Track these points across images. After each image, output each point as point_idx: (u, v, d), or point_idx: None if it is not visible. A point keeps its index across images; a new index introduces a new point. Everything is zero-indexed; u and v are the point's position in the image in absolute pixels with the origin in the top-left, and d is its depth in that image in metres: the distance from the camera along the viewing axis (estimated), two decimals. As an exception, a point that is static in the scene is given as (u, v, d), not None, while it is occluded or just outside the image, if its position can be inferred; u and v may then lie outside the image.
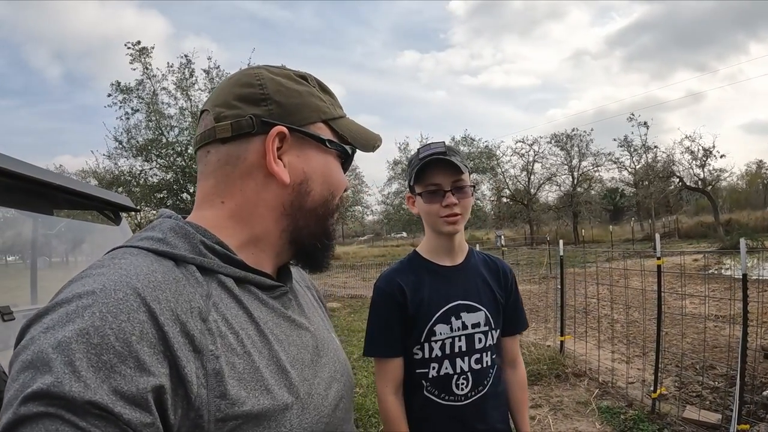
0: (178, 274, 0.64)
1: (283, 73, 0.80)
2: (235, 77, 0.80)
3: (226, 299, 0.68)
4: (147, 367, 0.52)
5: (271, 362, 0.68)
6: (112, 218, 3.33)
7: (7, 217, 3.32)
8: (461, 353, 1.53)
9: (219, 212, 0.75)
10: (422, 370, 1.53)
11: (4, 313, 2.12)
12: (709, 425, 3.86)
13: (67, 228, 3.64)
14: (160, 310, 0.56)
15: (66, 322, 0.52)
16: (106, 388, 0.49)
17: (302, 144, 0.78)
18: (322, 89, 0.84)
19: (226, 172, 0.75)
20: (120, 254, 0.64)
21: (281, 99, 0.76)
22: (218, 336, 0.62)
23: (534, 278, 13.71)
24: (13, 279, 4.06)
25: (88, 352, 0.50)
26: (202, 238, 0.70)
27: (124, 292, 0.55)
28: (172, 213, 0.75)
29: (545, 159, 35.71)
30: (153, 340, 0.54)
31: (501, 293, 1.65)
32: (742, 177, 41.01)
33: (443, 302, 1.54)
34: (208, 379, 0.58)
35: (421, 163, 1.51)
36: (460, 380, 1.52)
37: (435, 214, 1.53)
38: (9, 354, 1.22)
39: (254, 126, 0.74)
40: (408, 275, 1.58)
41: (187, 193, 20.15)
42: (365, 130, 0.89)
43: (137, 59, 19.23)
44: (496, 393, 1.61)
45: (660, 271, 4.36)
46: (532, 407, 4.67)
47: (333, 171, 0.82)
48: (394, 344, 1.53)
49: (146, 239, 0.68)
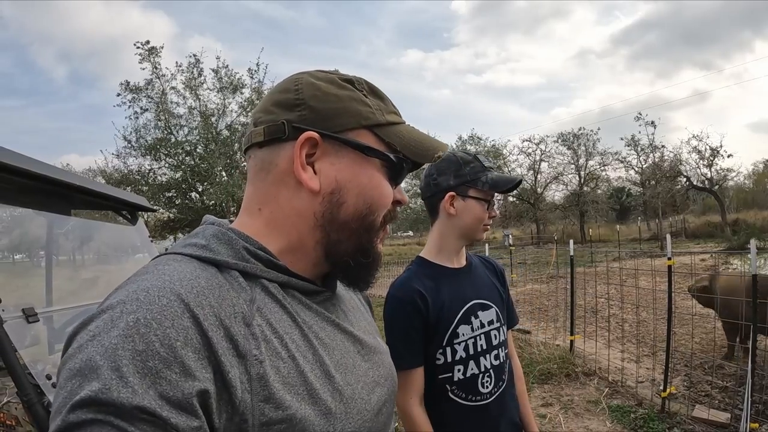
0: (221, 279, 0.64)
1: (327, 77, 0.77)
2: (280, 84, 0.78)
3: (270, 304, 0.68)
4: (192, 372, 0.53)
5: (316, 366, 0.68)
6: (128, 218, 3.37)
7: (23, 216, 3.36)
8: (483, 351, 1.55)
9: (257, 220, 0.75)
10: (446, 374, 1.51)
11: (28, 315, 2.16)
12: (718, 424, 3.88)
13: (84, 228, 3.68)
14: (204, 315, 0.57)
15: (111, 328, 0.52)
16: (152, 394, 0.49)
17: (338, 151, 0.74)
18: (373, 93, 0.79)
19: (261, 178, 0.75)
20: (164, 261, 0.64)
21: (316, 104, 0.73)
22: (262, 340, 0.62)
23: (542, 278, 13.69)
24: (29, 278, 4.11)
25: (134, 358, 0.50)
26: (245, 244, 0.70)
27: (168, 299, 0.56)
28: (215, 219, 0.75)
29: (552, 158, 35.58)
30: (197, 345, 0.55)
31: (502, 290, 1.71)
32: (749, 176, 40.78)
33: (462, 303, 1.56)
34: (252, 384, 0.58)
35: (497, 180, 1.58)
36: (485, 378, 1.54)
37: (479, 222, 1.59)
38: (28, 352, 1.24)
39: (286, 131, 0.72)
40: (424, 281, 1.56)
41: (196, 192, 20.21)
42: (423, 138, 0.81)
43: (146, 59, 19.33)
44: (512, 386, 1.67)
45: (671, 272, 4.37)
46: (542, 406, 4.71)
47: (373, 182, 0.76)
48: (417, 353, 1.50)
49: (190, 246, 0.68)
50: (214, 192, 18.31)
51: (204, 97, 20.31)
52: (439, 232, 1.64)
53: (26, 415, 1.88)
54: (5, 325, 1.88)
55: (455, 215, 1.59)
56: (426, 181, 1.65)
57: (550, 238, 26.80)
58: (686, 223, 31.32)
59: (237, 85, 20.32)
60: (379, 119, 0.76)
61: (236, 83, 20.33)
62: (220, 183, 18.61)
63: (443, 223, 1.63)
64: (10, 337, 1.88)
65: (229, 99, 20.35)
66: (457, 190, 1.58)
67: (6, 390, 2.27)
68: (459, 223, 1.60)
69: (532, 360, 5.87)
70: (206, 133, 19.23)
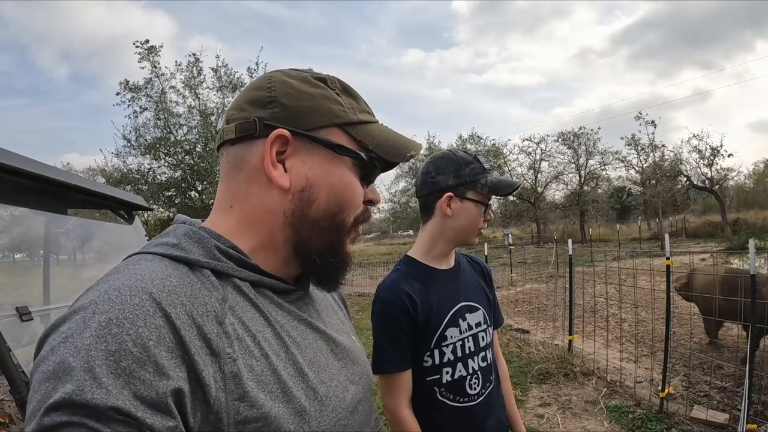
0: (192, 278, 0.64)
1: (300, 76, 0.77)
2: (253, 82, 0.79)
3: (242, 303, 0.68)
4: (166, 371, 0.53)
5: (289, 365, 0.68)
6: (125, 217, 3.37)
7: (21, 216, 3.36)
8: (471, 353, 1.54)
9: (229, 217, 0.75)
10: (434, 376, 1.50)
11: (22, 313, 2.16)
12: (716, 425, 3.87)
13: (81, 227, 3.68)
14: (176, 314, 0.57)
15: (83, 329, 0.52)
16: (127, 394, 0.49)
17: (310, 149, 0.74)
18: (346, 92, 0.79)
19: (233, 176, 0.75)
20: (135, 260, 0.64)
21: (288, 102, 0.73)
22: (235, 339, 0.62)
23: (541, 277, 13.69)
24: (24, 277, 4.12)
25: (108, 358, 0.50)
26: (216, 242, 0.70)
27: (140, 297, 0.55)
28: (186, 218, 0.75)
29: (552, 157, 35.47)
30: (170, 344, 0.55)
31: (489, 291, 1.70)
32: (749, 176, 40.70)
33: (450, 306, 1.54)
34: (226, 382, 0.59)
35: (497, 184, 1.56)
36: (473, 380, 1.54)
37: (475, 225, 1.58)
38: (25, 351, 1.22)
39: (257, 128, 0.72)
40: (412, 283, 1.53)
41: (195, 191, 20.18)
42: (396, 138, 0.81)
43: (146, 58, 19.29)
44: (498, 387, 1.66)
45: (669, 272, 4.37)
46: (540, 405, 4.71)
47: (344, 180, 0.76)
48: (405, 356, 1.48)
49: (161, 245, 0.68)
50: (214, 191, 18.27)
51: (203, 96, 20.31)
52: (431, 232, 1.61)
53: (19, 413, 1.90)
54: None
55: (451, 216, 1.55)
56: (423, 179, 1.60)
57: (550, 238, 26.80)
58: (686, 223, 31.32)
59: (236, 84, 20.27)
60: (351, 118, 0.77)
61: (236, 82, 20.31)
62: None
63: (437, 223, 1.59)
64: (4, 336, 1.88)
65: (228, 98, 20.25)
66: (456, 191, 1.55)
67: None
68: (454, 225, 1.57)
69: (531, 359, 5.87)
70: (205, 132, 19.19)
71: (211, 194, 18.29)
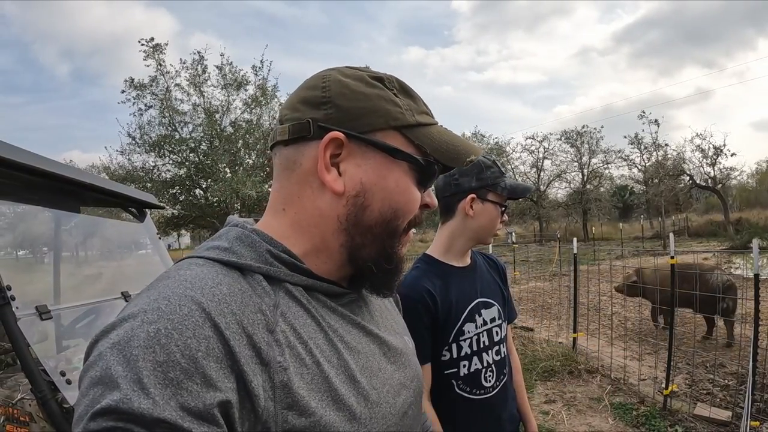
0: (244, 284, 0.63)
1: (356, 74, 0.74)
2: (307, 80, 0.76)
3: (294, 308, 0.66)
4: (213, 382, 0.52)
5: (341, 371, 0.67)
6: (136, 215, 3.41)
7: (34, 214, 3.39)
8: (486, 347, 1.60)
9: (281, 220, 0.73)
10: (451, 370, 1.56)
11: (41, 312, 2.19)
12: (719, 422, 3.91)
13: (93, 225, 3.72)
14: (226, 324, 0.56)
15: (131, 338, 0.52)
16: (173, 405, 0.49)
17: (365, 153, 0.71)
18: (404, 92, 0.76)
19: (286, 177, 0.73)
20: (186, 265, 0.63)
21: (343, 102, 0.70)
22: (286, 347, 0.61)
23: (544, 275, 13.70)
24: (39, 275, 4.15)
25: (155, 369, 0.50)
26: (269, 246, 0.68)
27: (189, 308, 0.55)
28: (239, 220, 0.74)
29: (555, 156, 35.54)
30: (219, 355, 0.54)
31: (503, 287, 1.77)
32: (752, 175, 40.56)
33: (468, 302, 1.60)
34: (275, 392, 0.58)
35: (515, 187, 1.65)
36: (488, 373, 1.59)
37: (494, 225, 1.66)
38: (44, 347, 1.26)
39: (311, 130, 0.69)
40: (433, 279, 1.58)
41: (200, 189, 20.17)
42: (455, 141, 0.77)
43: (151, 56, 19.30)
44: (511, 380, 1.73)
45: (674, 270, 4.40)
46: (545, 402, 4.75)
47: (399, 186, 0.73)
48: (426, 350, 1.51)
49: (212, 249, 0.67)
50: (219, 189, 18.26)
51: (208, 93, 20.25)
52: (451, 231, 1.67)
53: (40, 411, 1.90)
54: (19, 322, 1.91)
55: (473, 217, 1.63)
56: (446, 180, 1.66)
57: (553, 236, 26.79)
58: (689, 222, 31.26)
59: (241, 82, 20.28)
60: (408, 120, 0.73)
61: (240, 80, 20.32)
62: (225, 180, 18.55)
63: (458, 223, 1.66)
64: (25, 335, 1.92)
65: (233, 96, 20.28)
66: (478, 193, 1.62)
67: (20, 387, 2.30)
68: (474, 225, 1.64)
69: (535, 357, 5.91)
70: (210, 130, 19.18)
71: (216, 192, 18.27)
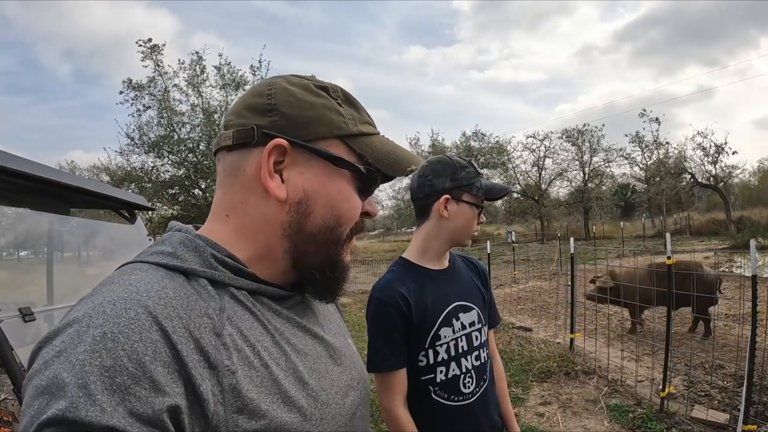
0: (189, 288, 0.63)
1: (302, 83, 0.75)
2: (254, 87, 0.77)
3: (240, 312, 0.66)
4: (162, 387, 0.52)
5: (289, 373, 0.67)
6: (127, 217, 3.40)
7: (24, 216, 3.38)
8: (464, 353, 1.57)
9: (225, 226, 0.73)
10: (428, 375, 1.54)
11: (25, 314, 2.18)
12: (717, 425, 3.88)
13: (84, 227, 3.71)
14: (173, 328, 0.55)
15: (78, 343, 0.51)
16: (122, 411, 0.48)
17: (308, 161, 0.72)
18: (348, 102, 0.77)
19: (230, 183, 0.74)
20: (130, 270, 0.63)
21: (288, 110, 0.71)
22: (234, 350, 0.61)
23: (544, 275, 13.68)
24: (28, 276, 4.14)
25: (102, 374, 0.49)
26: (213, 251, 0.68)
27: (136, 311, 0.54)
28: (182, 226, 0.74)
29: (556, 154, 35.43)
30: (167, 359, 0.53)
31: (484, 291, 1.73)
32: (754, 174, 40.53)
33: (444, 306, 1.58)
34: (224, 395, 0.57)
35: (491, 187, 1.63)
36: (466, 379, 1.56)
37: (470, 227, 1.62)
38: (28, 350, 1.22)
39: (255, 136, 0.70)
40: (407, 283, 1.56)
41: (199, 189, 20.21)
42: (396, 151, 0.79)
43: (149, 56, 19.31)
44: (492, 385, 1.69)
45: (671, 271, 4.37)
46: (541, 404, 4.72)
47: (342, 194, 0.74)
48: (400, 355, 1.51)
49: (156, 254, 0.67)
50: (217, 189, 18.31)
51: (206, 94, 20.30)
52: (427, 233, 1.65)
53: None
54: (2, 324, 1.91)
55: (447, 218, 1.60)
56: (420, 182, 1.64)
57: (554, 235, 26.78)
58: (690, 221, 31.22)
59: (239, 82, 20.30)
60: (351, 129, 0.75)
61: (239, 80, 20.33)
62: (223, 180, 18.63)
63: (433, 225, 1.63)
64: (7, 336, 1.91)
65: (231, 96, 20.29)
66: (452, 193, 1.59)
67: (3, 387, 2.30)
68: (449, 227, 1.61)
69: (532, 358, 5.88)
70: (209, 130, 19.19)
71: (214, 192, 18.33)
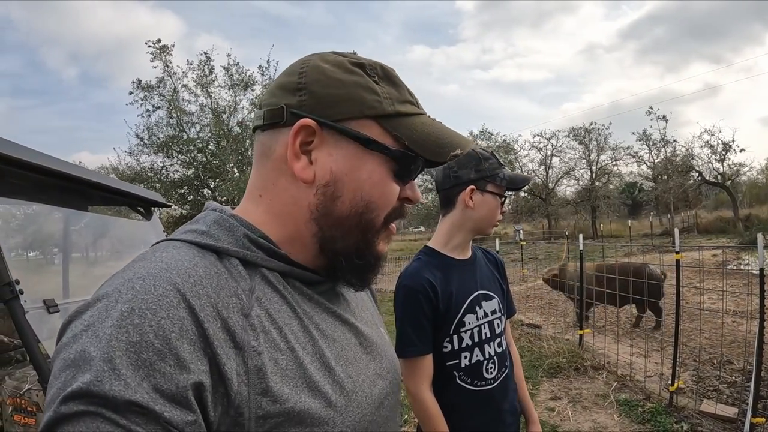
0: (220, 267, 0.62)
1: (336, 60, 0.71)
2: (290, 65, 0.74)
3: (270, 294, 0.66)
4: (186, 364, 0.51)
5: (315, 359, 0.66)
6: (143, 213, 3.46)
7: (43, 213, 3.44)
8: (487, 339, 1.62)
9: (258, 207, 0.72)
10: (453, 361, 1.58)
11: (49, 306, 2.25)
12: (725, 419, 3.91)
13: (101, 223, 3.77)
14: (201, 306, 0.55)
15: (105, 318, 0.51)
16: (146, 386, 0.48)
17: (338, 142, 0.69)
18: (387, 80, 0.73)
19: (263, 163, 0.72)
20: (162, 247, 0.63)
21: (317, 89, 0.68)
22: (261, 332, 0.60)
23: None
24: (48, 272, 4.21)
25: (128, 350, 0.49)
26: (246, 231, 0.68)
27: (164, 288, 0.54)
28: (217, 206, 0.73)
29: (563, 153, 35.38)
30: (193, 336, 0.53)
31: (502, 281, 1.79)
32: (762, 171, 40.21)
33: (468, 294, 1.63)
34: (249, 376, 0.57)
35: (514, 177, 1.70)
36: (489, 365, 1.61)
37: (494, 216, 1.68)
38: (52, 341, 1.26)
39: (284, 116, 0.68)
40: (434, 271, 1.61)
41: (208, 189, 20.27)
42: (441, 134, 0.74)
43: (158, 57, 19.42)
44: (512, 372, 1.75)
45: (678, 266, 4.39)
46: (551, 399, 4.76)
47: (372, 178, 0.70)
48: (427, 341, 1.55)
49: (190, 232, 0.66)
50: (226, 188, 18.35)
51: (215, 94, 20.38)
52: (452, 223, 1.70)
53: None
54: (27, 315, 1.97)
55: (472, 208, 1.65)
56: (445, 173, 1.68)
57: (562, 234, 26.71)
58: (698, 219, 31.06)
59: (248, 82, 20.39)
60: (386, 109, 0.70)
61: (247, 80, 20.42)
62: (232, 179, 18.66)
63: (458, 215, 1.68)
64: (33, 327, 1.97)
65: (240, 96, 20.43)
66: (477, 184, 1.64)
67: (27, 378, 2.36)
68: (474, 216, 1.66)
69: (542, 354, 5.92)
70: (218, 130, 19.27)
71: (224, 191, 18.37)
